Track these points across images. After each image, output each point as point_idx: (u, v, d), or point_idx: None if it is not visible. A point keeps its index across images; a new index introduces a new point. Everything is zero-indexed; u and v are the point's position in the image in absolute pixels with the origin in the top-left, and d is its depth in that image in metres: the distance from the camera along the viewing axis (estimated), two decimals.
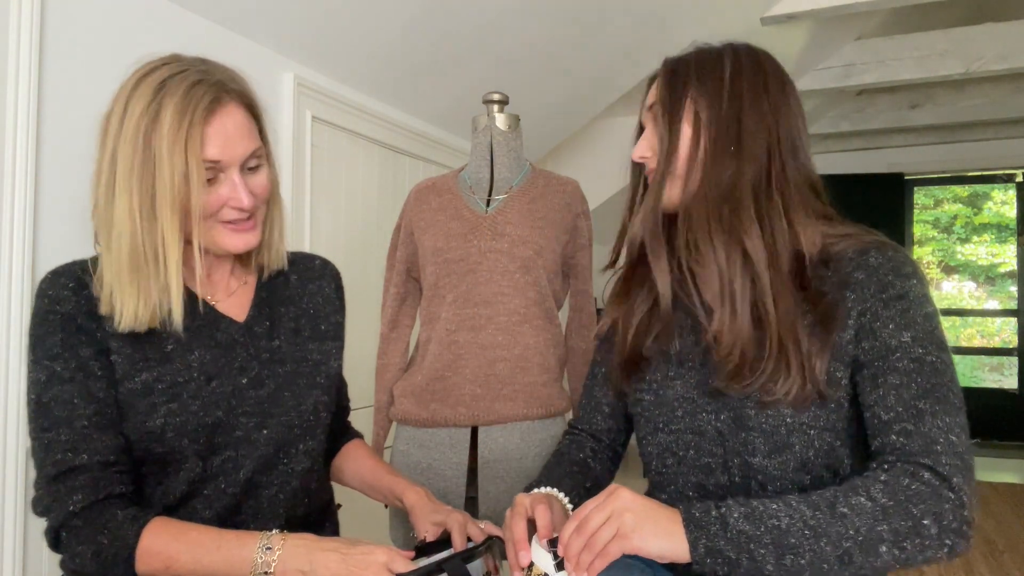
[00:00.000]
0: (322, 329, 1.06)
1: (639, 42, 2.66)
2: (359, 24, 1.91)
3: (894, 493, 0.74)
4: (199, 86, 0.84)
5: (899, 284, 0.83)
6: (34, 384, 0.86)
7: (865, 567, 0.73)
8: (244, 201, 0.88)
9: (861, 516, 0.73)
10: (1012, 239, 5.48)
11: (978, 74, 3.63)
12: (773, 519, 0.74)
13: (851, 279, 0.85)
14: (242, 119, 0.89)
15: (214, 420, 0.91)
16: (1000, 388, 5.43)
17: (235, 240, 0.92)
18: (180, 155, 0.82)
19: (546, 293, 1.48)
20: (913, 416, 0.78)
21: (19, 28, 1.22)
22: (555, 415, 1.49)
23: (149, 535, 0.82)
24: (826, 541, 0.72)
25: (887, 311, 0.82)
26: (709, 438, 0.92)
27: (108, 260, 0.85)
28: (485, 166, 1.53)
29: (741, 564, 0.73)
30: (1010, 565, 2.93)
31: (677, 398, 0.95)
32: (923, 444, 0.76)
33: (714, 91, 0.89)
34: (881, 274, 0.84)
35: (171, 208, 0.83)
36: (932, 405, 0.78)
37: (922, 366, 0.80)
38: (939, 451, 0.75)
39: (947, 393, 0.79)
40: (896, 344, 0.81)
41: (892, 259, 0.85)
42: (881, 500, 0.74)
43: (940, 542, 0.72)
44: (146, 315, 0.86)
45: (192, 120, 0.83)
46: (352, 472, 1.16)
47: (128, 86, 0.86)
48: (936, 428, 0.77)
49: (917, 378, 0.79)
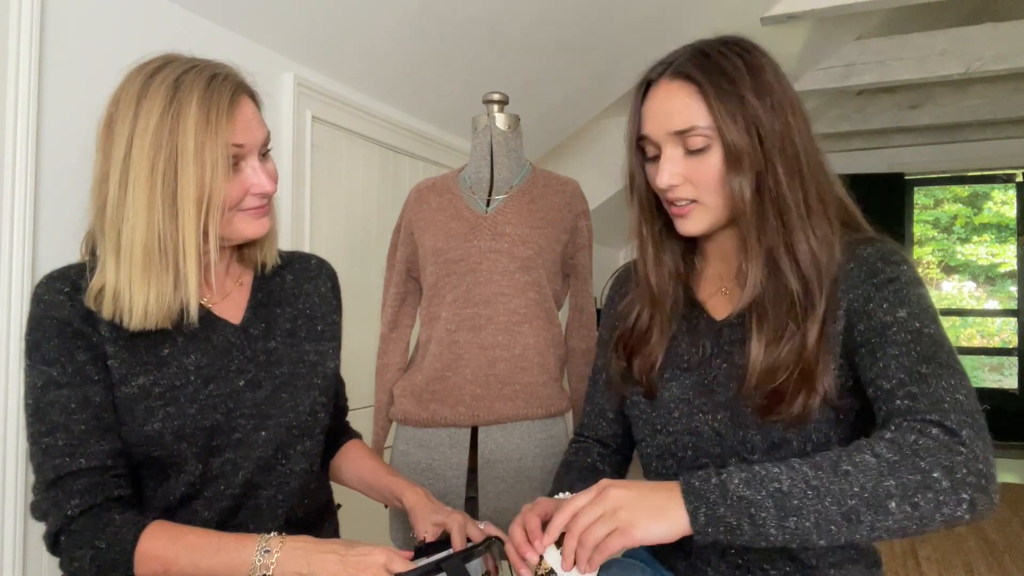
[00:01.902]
0: (319, 329, 1.06)
1: (639, 42, 2.66)
2: (359, 24, 1.91)
3: (900, 448, 0.71)
4: (217, 79, 0.86)
5: (889, 269, 0.83)
6: (31, 389, 0.86)
7: (878, 526, 0.69)
8: (267, 186, 0.91)
9: (866, 473, 0.70)
10: (1012, 239, 5.48)
11: (978, 74, 3.62)
12: (775, 482, 0.71)
13: (841, 272, 0.85)
14: (255, 109, 0.93)
15: (212, 423, 0.91)
16: (1000, 388, 5.44)
17: (255, 225, 0.93)
18: (211, 146, 0.84)
19: (546, 293, 1.48)
20: (917, 380, 0.76)
21: (19, 28, 1.22)
22: (555, 415, 1.49)
23: (147, 539, 0.82)
24: (830, 500, 0.69)
25: (880, 293, 0.82)
26: (707, 438, 0.91)
27: (115, 262, 0.85)
28: (485, 166, 1.52)
29: (743, 529, 0.71)
30: (1010, 565, 2.93)
31: (673, 399, 0.95)
32: (929, 403, 0.73)
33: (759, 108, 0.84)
34: (871, 262, 0.84)
35: (194, 201, 0.84)
36: (935, 369, 0.76)
37: (920, 336, 0.78)
38: (947, 408, 0.73)
39: (949, 359, 0.77)
40: (892, 320, 0.80)
41: (881, 249, 0.85)
42: (887, 455, 0.71)
43: (956, 496, 0.68)
44: (157, 312, 0.85)
45: (218, 111, 0.85)
46: (352, 472, 1.16)
47: (134, 87, 0.85)
48: (942, 388, 0.74)
49: (916, 347, 0.77)
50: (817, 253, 0.84)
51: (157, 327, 0.87)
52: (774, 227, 0.85)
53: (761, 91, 0.84)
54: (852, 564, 0.91)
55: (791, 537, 0.70)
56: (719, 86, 0.84)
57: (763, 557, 0.91)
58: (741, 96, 0.83)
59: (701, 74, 0.85)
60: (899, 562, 2.99)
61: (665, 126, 0.87)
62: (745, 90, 0.84)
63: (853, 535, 0.70)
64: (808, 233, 0.85)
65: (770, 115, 0.84)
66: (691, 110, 0.85)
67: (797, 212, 0.85)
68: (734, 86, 0.84)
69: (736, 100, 0.83)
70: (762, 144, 0.84)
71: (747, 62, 0.86)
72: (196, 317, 0.88)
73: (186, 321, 0.88)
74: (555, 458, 1.46)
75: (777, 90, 0.86)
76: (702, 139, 0.85)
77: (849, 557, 0.91)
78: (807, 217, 0.85)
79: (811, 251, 0.84)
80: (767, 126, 0.84)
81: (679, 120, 0.86)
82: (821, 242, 0.85)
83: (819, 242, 0.85)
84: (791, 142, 0.85)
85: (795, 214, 0.84)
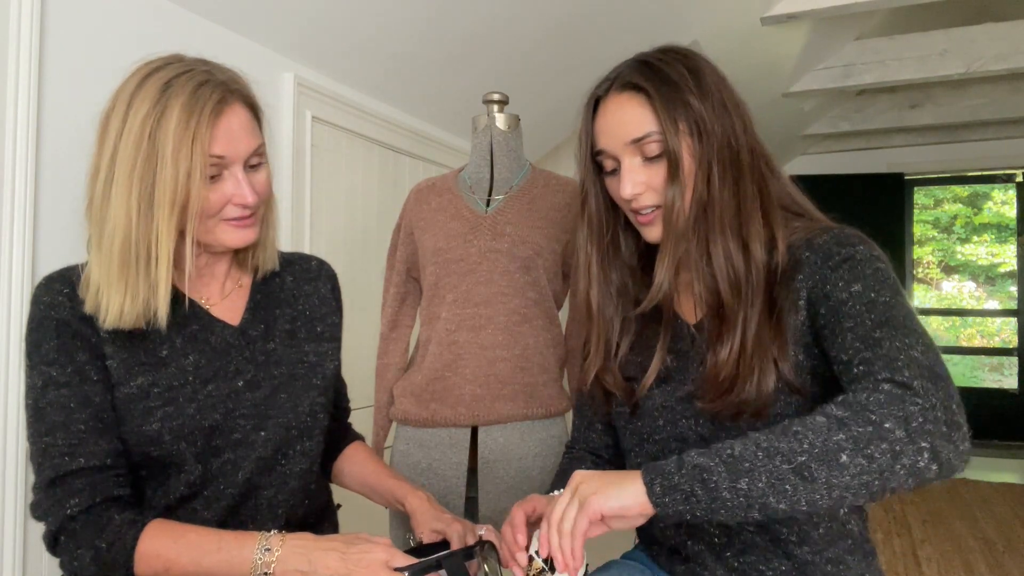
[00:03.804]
0: (318, 330, 1.06)
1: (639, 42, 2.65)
2: (359, 24, 1.91)
3: (849, 406, 0.71)
4: (206, 86, 0.85)
5: (844, 251, 0.83)
6: (31, 389, 0.86)
7: (834, 482, 0.68)
8: (248, 197, 0.90)
9: (815, 430, 0.70)
10: (1012, 239, 5.48)
11: (978, 74, 3.63)
12: (728, 449, 0.73)
13: (800, 263, 0.86)
14: (246, 118, 0.90)
15: (211, 423, 0.91)
16: (1000, 388, 5.43)
17: (236, 236, 0.92)
18: (186, 151, 0.83)
19: (546, 293, 1.48)
20: (871, 345, 0.76)
21: (19, 28, 1.22)
22: (555, 415, 1.49)
23: (147, 538, 0.82)
24: (780, 459, 0.69)
25: (835, 273, 0.82)
26: (692, 443, 0.92)
27: (98, 258, 0.85)
28: (485, 166, 1.53)
29: (697, 496, 0.71)
30: (1010, 565, 2.93)
31: (656, 408, 0.96)
32: (883, 364, 0.73)
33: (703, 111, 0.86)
34: (826, 248, 0.85)
35: (169, 205, 0.83)
36: (888, 332, 0.75)
37: (875, 305, 0.78)
38: (900, 366, 0.72)
39: (905, 320, 0.76)
40: (847, 296, 0.80)
41: (837, 235, 0.85)
42: (836, 413, 0.71)
43: (915, 446, 0.67)
44: (132, 313, 0.85)
45: (200, 119, 0.83)
46: (354, 475, 1.16)
47: (131, 85, 0.86)
48: (895, 348, 0.74)
49: (871, 315, 0.77)
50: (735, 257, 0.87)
51: (131, 327, 0.87)
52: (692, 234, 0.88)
53: (703, 93, 0.87)
54: (849, 555, 0.91)
55: (745, 500, 0.70)
56: (663, 93, 0.87)
57: (759, 559, 0.91)
58: (685, 100, 0.87)
59: (647, 82, 0.88)
60: (899, 562, 2.99)
61: (621, 137, 0.90)
62: (688, 94, 0.87)
63: (812, 495, 0.69)
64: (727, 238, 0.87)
65: (711, 115, 0.87)
66: (644, 118, 0.88)
67: (722, 217, 0.87)
68: (678, 91, 0.87)
69: (680, 104, 0.87)
70: (702, 146, 0.87)
71: (688, 67, 0.89)
72: (165, 321, 0.87)
73: (155, 324, 0.87)
74: (555, 458, 1.46)
75: (718, 92, 0.89)
76: (657, 145, 0.88)
77: (846, 548, 0.91)
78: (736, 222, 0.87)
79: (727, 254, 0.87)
80: (709, 126, 0.87)
81: (634, 129, 0.89)
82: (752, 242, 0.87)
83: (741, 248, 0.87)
84: (732, 142, 0.88)
85: (719, 219, 0.87)
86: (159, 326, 0.88)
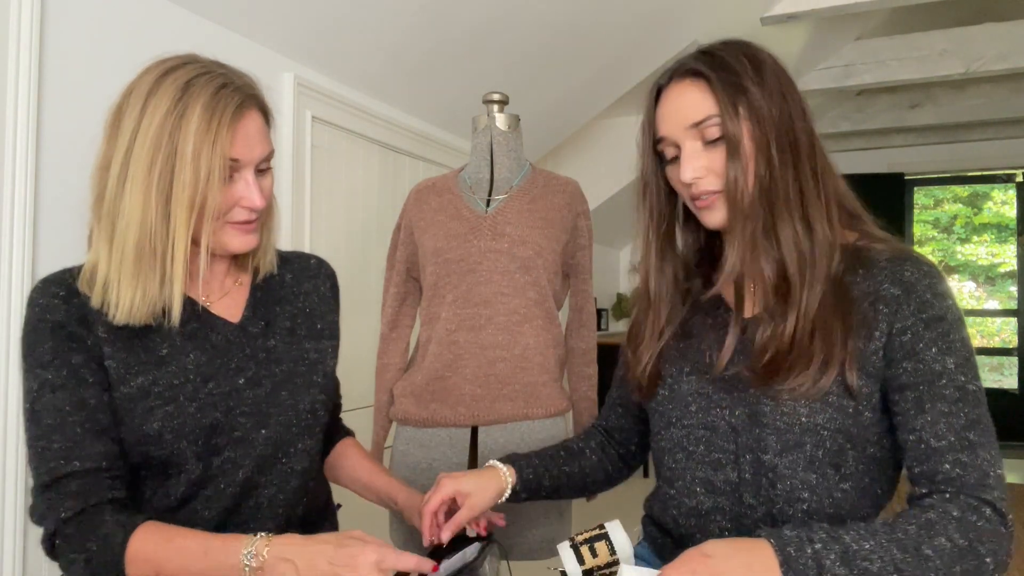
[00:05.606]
0: (318, 328, 1.06)
1: (640, 42, 2.66)
2: (359, 24, 1.91)
3: (966, 532, 0.76)
4: (226, 89, 0.86)
5: (938, 304, 0.84)
6: (27, 393, 0.86)
7: None
8: (257, 201, 0.90)
9: (942, 558, 0.75)
10: (1012, 239, 5.49)
11: (978, 74, 3.63)
12: (866, 561, 0.74)
13: (885, 292, 0.86)
14: (261, 124, 0.91)
15: (212, 421, 0.90)
16: (1000, 388, 5.43)
17: (240, 240, 0.93)
18: (207, 153, 0.83)
19: (546, 293, 1.48)
20: (966, 447, 0.80)
21: (19, 28, 1.22)
22: (555, 415, 1.49)
23: (137, 541, 0.81)
24: None
25: (929, 332, 0.83)
26: (722, 433, 0.92)
27: (108, 251, 0.85)
28: (485, 166, 1.52)
29: None
30: (1011, 565, 2.93)
31: (691, 393, 0.96)
32: (978, 477, 0.79)
33: (760, 96, 0.88)
34: (919, 291, 0.85)
35: (187, 207, 0.84)
36: (979, 436, 0.81)
37: (967, 395, 0.82)
38: (992, 485, 0.79)
39: (989, 424, 0.82)
40: (941, 370, 0.82)
41: (928, 274, 0.86)
42: (959, 542, 0.75)
43: (990, 572, 0.77)
44: (143, 308, 0.85)
45: (221, 121, 0.84)
46: (347, 471, 1.16)
47: (146, 82, 0.85)
48: (986, 461, 0.80)
49: (964, 408, 0.81)
50: (801, 237, 0.87)
51: (141, 323, 0.87)
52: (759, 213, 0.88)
53: (762, 80, 0.89)
54: None
55: None
56: (722, 78, 0.88)
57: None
58: (743, 86, 0.88)
59: (707, 68, 0.89)
60: None
61: (681, 121, 0.91)
62: (747, 79, 0.88)
63: None
64: (794, 218, 0.87)
65: (769, 101, 0.88)
66: (704, 102, 0.89)
67: (785, 197, 0.87)
68: (737, 76, 0.88)
69: (739, 89, 0.88)
70: (761, 130, 0.87)
71: (747, 55, 0.90)
72: (179, 318, 0.87)
73: (168, 323, 0.88)
74: None
75: (776, 80, 0.90)
76: (717, 128, 0.88)
77: None
78: (799, 202, 0.88)
79: (795, 236, 0.87)
80: (767, 111, 0.88)
81: (693, 113, 0.90)
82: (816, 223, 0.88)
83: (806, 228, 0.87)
84: (790, 127, 0.88)
85: (782, 199, 0.87)
86: (172, 323, 0.88)
